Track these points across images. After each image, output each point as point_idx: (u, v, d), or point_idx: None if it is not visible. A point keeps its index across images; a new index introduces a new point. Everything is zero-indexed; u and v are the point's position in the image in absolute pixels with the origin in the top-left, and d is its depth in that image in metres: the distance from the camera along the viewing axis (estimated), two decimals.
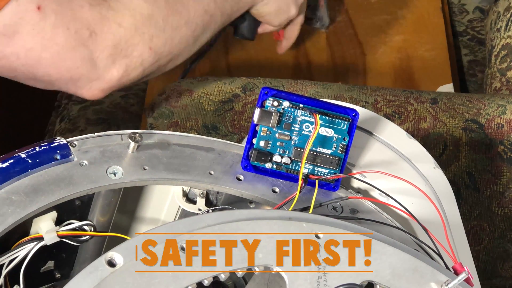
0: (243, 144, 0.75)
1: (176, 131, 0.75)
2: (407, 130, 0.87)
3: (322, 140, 0.74)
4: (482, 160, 1.16)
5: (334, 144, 0.74)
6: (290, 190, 0.73)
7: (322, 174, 0.74)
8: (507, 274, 1.16)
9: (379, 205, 0.76)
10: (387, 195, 0.75)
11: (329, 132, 0.74)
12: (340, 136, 0.74)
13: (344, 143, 0.74)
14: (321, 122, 0.73)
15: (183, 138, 0.74)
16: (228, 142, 0.76)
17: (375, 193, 0.78)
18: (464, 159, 1.16)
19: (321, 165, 0.74)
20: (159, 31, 0.93)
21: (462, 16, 1.62)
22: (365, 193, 0.78)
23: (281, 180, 0.74)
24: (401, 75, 1.46)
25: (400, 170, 0.80)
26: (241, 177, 0.73)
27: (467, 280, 0.65)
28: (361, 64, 1.47)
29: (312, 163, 0.74)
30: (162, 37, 0.94)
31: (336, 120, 0.73)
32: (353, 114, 0.74)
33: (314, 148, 0.73)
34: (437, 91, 1.42)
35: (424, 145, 0.84)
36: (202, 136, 0.75)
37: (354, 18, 1.54)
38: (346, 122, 0.74)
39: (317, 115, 0.72)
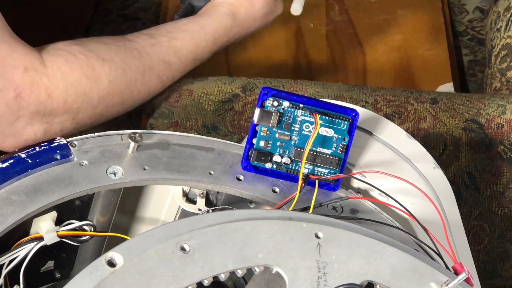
0: (243, 144, 0.75)
1: (176, 131, 0.75)
2: (407, 130, 0.87)
3: (322, 140, 0.74)
4: (482, 160, 1.16)
5: (334, 144, 0.74)
6: (290, 190, 0.73)
7: (322, 174, 0.74)
8: (507, 274, 1.16)
9: (379, 205, 0.76)
10: (387, 195, 0.75)
11: (329, 132, 0.74)
12: (340, 136, 0.74)
13: (344, 143, 0.74)
14: (321, 122, 0.73)
15: (183, 138, 0.74)
16: (228, 142, 0.76)
17: (375, 193, 0.78)
18: (464, 159, 1.16)
19: (321, 165, 0.74)
20: (90, 108, 0.89)
21: (462, 16, 1.62)
22: (365, 193, 0.78)
23: (281, 180, 0.74)
24: (401, 74, 1.46)
25: (400, 170, 0.80)
26: (241, 177, 0.73)
27: (467, 280, 0.65)
28: (361, 64, 1.47)
29: (312, 163, 0.74)
30: (91, 112, 0.90)
31: (336, 120, 0.73)
32: (353, 114, 0.74)
33: (314, 148, 0.73)
34: (437, 90, 1.42)
35: (424, 145, 0.84)
36: (202, 136, 0.75)
37: (354, 17, 1.54)
38: (346, 122, 0.74)
39: (317, 115, 0.72)
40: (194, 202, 0.77)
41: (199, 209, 0.76)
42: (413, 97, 1.22)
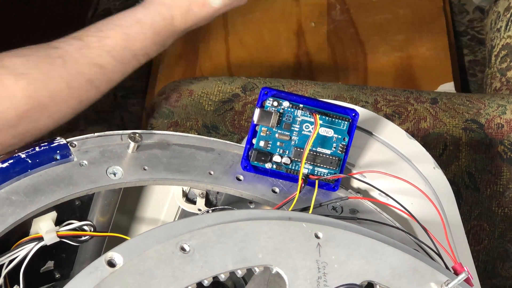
0: (243, 144, 0.75)
1: (176, 131, 0.75)
2: (407, 130, 0.87)
3: (322, 140, 0.74)
4: (482, 160, 1.16)
5: (334, 144, 0.74)
6: (290, 190, 0.73)
7: (322, 174, 0.74)
8: (507, 274, 1.16)
9: (379, 205, 0.76)
10: (387, 195, 0.75)
11: (329, 132, 0.74)
12: (340, 136, 0.74)
13: (344, 143, 0.74)
14: (321, 122, 0.73)
15: (183, 138, 0.74)
16: (228, 142, 0.76)
17: (375, 193, 0.77)
18: (464, 159, 1.16)
19: (321, 165, 0.74)
20: (10, 128, 0.80)
21: (462, 16, 1.62)
22: (365, 193, 0.78)
23: (281, 180, 0.74)
24: (402, 74, 1.46)
25: (400, 170, 0.80)
26: (241, 177, 0.73)
27: (467, 280, 0.65)
28: (361, 63, 1.47)
29: (312, 163, 0.74)
30: (12, 133, 0.81)
31: (336, 120, 0.73)
32: (353, 114, 0.74)
33: (314, 148, 0.73)
34: (438, 90, 1.42)
35: (424, 145, 0.84)
36: (202, 136, 0.75)
37: (355, 17, 1.54)
38: (346, 122, 0.74)
39: (317, 115, 0.72)
40: (194, 202, 0.77)
41: (199, 209, 0.76)
42: (413, 97, 1.22)
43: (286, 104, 0.73)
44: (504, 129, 1.17)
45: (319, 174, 0.74)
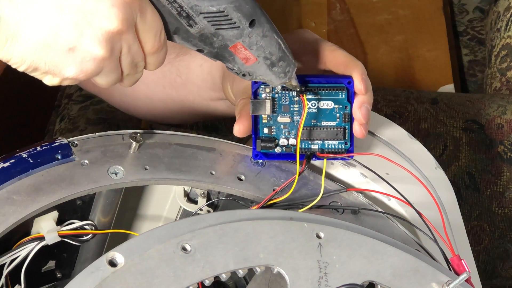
0: (245, 144, 0.75)
1: (177, 131, 0.75)
2: (407, 131, 0.87)
3: (325, 114, 0.74)
4: (482, 160, 1.16)
5: (337, 115, 0.74)
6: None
7: (333, 147, 0.74)
8: (507, 274, 1.17)
9: (379, 202, 0.76)
10: (387, 182, 0.74)
11: (329, 105, 0.74)
12: (341, 106, 0.74)
13: (347, 112, 0.74)
14: (318, 96, 0.73)
15: (184, 138, 0.74)
16: (229, 142, 0.76)
17: (376, 194, 0.77)
18: (464, 159, 1.16)
19: (329, 139, 0.74)
20: None
21: (462, 16, 1.62)
22: (364, 194, 0.78)
23: (284, 176, 0.74)
24: (402, 75, 1.46)
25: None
26: (242, 177, 0.73)
27: (468, 281, 0.65)
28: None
29: (319, 139, 0.74)
30: None
31: (333, 91, 0.74)
32: (348, 81, 0.74)
33: (319, 123, 0.74)
34: (438, 91, 1.42)
35: (424, 146, 0.84)
36: (203, 136, 0.75)
37: (356, 17, 1.54)
38: (343, 92, 0.74)
39: (304, 96, 0.72)
40: (195, 202, 0.77)
41: (200, 209, 0.76)
42: (413, 97, 1.22)
43: (278, 87, 0.73)
44: (504, 129, 1.17)
45: (330, 147, 0.74)
